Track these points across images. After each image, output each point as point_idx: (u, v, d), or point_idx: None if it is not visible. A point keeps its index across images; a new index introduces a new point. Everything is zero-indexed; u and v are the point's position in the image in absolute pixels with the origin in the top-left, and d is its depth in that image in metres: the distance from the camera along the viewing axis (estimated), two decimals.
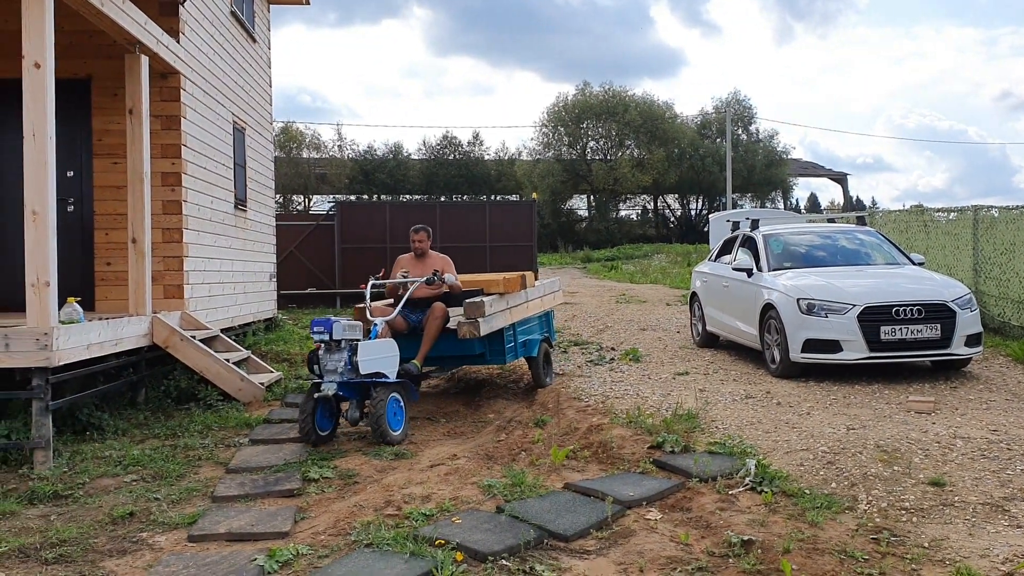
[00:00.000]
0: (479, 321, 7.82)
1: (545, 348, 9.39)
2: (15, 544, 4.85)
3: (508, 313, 8.53)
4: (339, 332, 6.81)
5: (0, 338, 6.41)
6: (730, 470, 5.69)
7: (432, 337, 8.14)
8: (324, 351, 6.90)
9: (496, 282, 8.63)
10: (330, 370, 6.86)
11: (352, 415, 7.02)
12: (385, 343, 7.20)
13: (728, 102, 53.55)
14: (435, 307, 8.25)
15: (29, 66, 6.49)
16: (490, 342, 8.39)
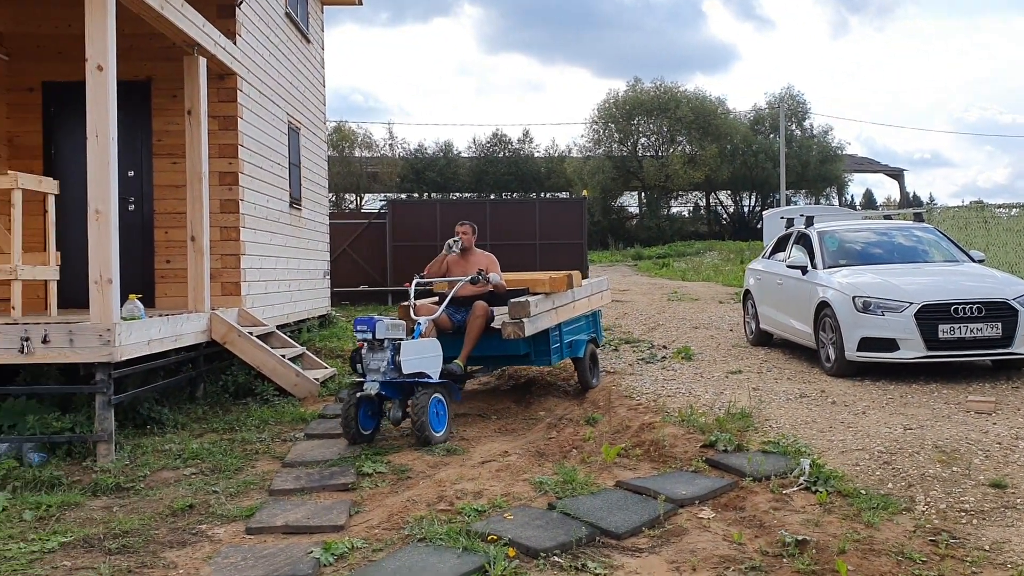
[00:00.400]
0: (524, 321, 7.70)
1: (592, 349, 9.23)
2: (80, 534, 5.00)
3: (554, 313, 8.40)
4: (382, 331, 6.75)
5: (64, 334, 6.60)
6: (784, 469, 5.64)
7: (474, 337, 8.02)
8: (367, 350, 6.85)
9: (542, 281, 8.48)
10: (373, 369, 6.81)
11: (395, 415, 6.98)
12: (428, 343, 7.13)
13: (781, 97, 52.89)
14: (476, 306, 8.08)
15: (92, 69, 6.67)
16: (535, 342, 8.28)
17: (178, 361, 8.44)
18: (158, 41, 9.13)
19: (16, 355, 6.61)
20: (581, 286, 9.24)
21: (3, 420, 6.86)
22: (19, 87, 9.90)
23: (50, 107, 9.99)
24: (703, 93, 52.82)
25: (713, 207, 57.23)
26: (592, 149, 53.02)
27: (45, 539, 4.90)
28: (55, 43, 9.82)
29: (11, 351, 6.61)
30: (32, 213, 8.26)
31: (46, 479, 6.04)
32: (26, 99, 9.92)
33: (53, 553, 4.71)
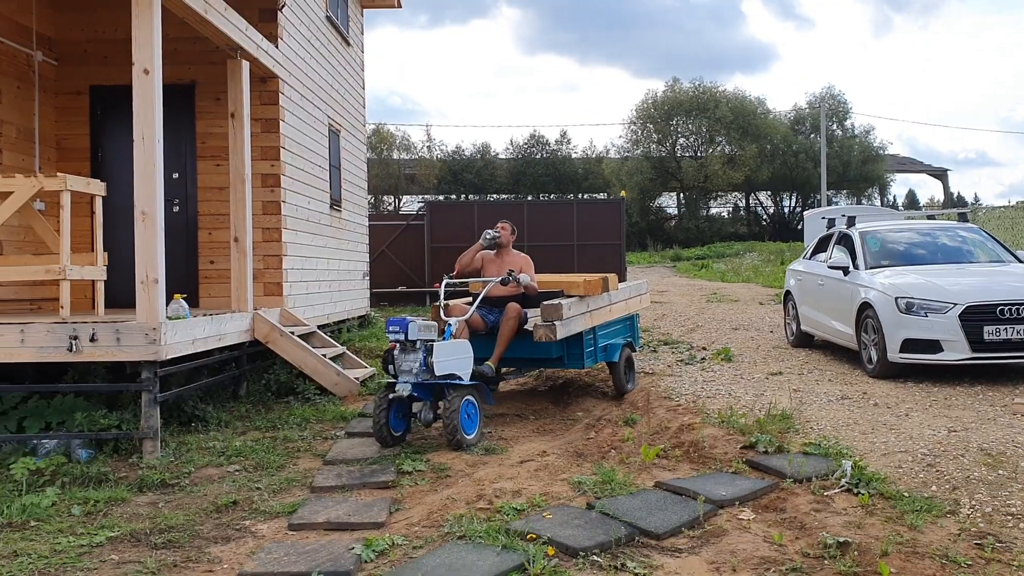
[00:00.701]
0: (556, 324, 7.56)
1: (627, 353, 9.05)
2: (127, 529, 5.10)
3: (588, 316, 8.27)
4: (414, 332, 6.68)
5: (112, 333, 6.73)
6: (825, 471, 5.59)
7: (506, 339, 7.94)
8: (399, 351, 6.78)
9: (576, 284, 8.32)
10: (405, 370, 6.74)
11: (426, 417, 6.90)
12: (459, 344, 7.03)
13: (822, 97, 52.34)
14: (508, 308, 8.00)
15: (139, 73, 6.79)
16: (568, 345, 8.20)
17: (222, 360, 8.56)
18: (202, 45, 9.28)
19: (65, 353, 6.76)
20: (617, 289, 9.07)
21: (52, 417, 7.02)
22: (67, 91, 10.11)
23: (97, 110, 10.19)
24: (742, 93, 52.52)
25: (753, 208, 56.76)
26: (630, 150, 52.86)
27: (93, 533, 5.00)
28: (102, 47, 10.01)
29: (60, 349, 6.75)
30: (80, 214, 8.43)
31: (94, 475, 6.17)
32: (74, 103, 10.13)
33: (101, 547, 4.81)
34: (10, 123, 9.22)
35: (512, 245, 8.59)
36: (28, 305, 9.38)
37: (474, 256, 8.50)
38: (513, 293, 8.23)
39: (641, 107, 52.39)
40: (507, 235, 8.52)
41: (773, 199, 56.36)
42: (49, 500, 5.56)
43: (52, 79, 9.99)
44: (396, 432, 6.85)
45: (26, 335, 6.74)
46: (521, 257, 8.56)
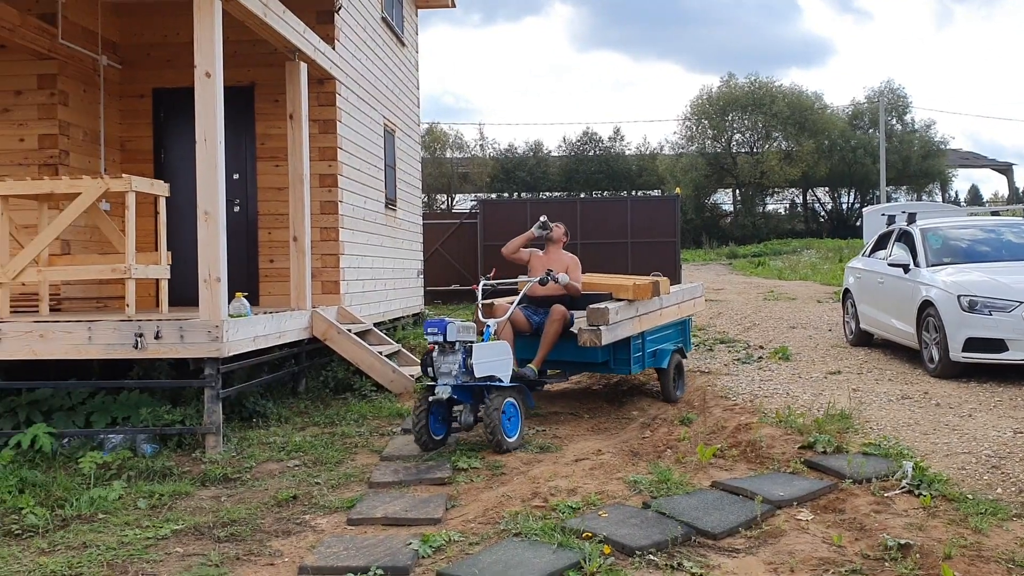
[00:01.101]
0: (601, 330, 7.35)
1: (677, 359, 8.76)
2: (191, 522, 5.22)
3: (636, 321, 8.05)
4: (453, 334, 6.56)
5: (176, 330, 6.89)
6: (886, 472, 5.51)
7: (550, 342, 7.81)
8: (438, 353, 6.66)
9: (625, 287, 8.10)
10: (444, 373, 6.62)
11: (466, 420, 6.70)
12: (498, 345, 6.88)
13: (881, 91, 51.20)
14: (554, 309, 7.87)
15: (200, 75, 6.94)
16: (615, 350, 8.00)
17: (281, 357, 8.71)
18: (260, 47, 9.44)
19: (130, 351, 6.94)
20: (669, 293, 8.81)
21: (118, 412, 7.21)
22: (131, 94, 10.36)
23: (160, 113, 10.43)
24: (799, 88, 51.66)
25: (810, 204, 55.89)
26: (684, 146, 52.39)
27: (158, 526, 5.13)
28: (164, 51, 10.24)
29: (126, 347, 6.93)
30: (144, 215, 8.64)
31: (158, 469, 6.33)
32: (137, 105, 10.38)
33: (166, 539, 4.94)
34: (77, 126, 9.48)
35: (564, 246, 8.53)
36: (94, 303, 9.64)
37: (521, 245, 8.39)
38: (558, 293, 8.12)
39: (696, 103, 51.90)
40: (560, 232, 8.46)
41: (831, 195, 55.44)
42: (116, 493, 5.72)
43: (116, 82, 10.25)
44: (437, 436, 6.73)
45: (93, 333, 6.94)
46: (568, 257, 8.43)
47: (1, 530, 5.13)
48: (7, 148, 9.14)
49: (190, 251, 7.57)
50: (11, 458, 6.44)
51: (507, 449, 6.47)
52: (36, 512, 5.33)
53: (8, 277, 7.37)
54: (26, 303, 8.63)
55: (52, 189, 7.52)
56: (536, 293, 8.10)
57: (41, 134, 9.14)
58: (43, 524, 5.18)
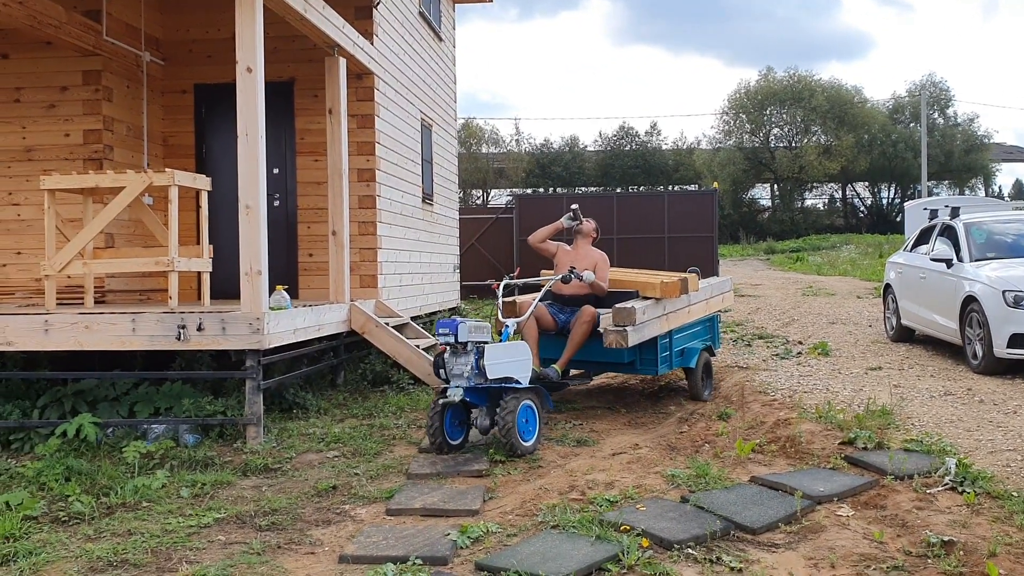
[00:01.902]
0: (627, 330, 7.13)
1: (706, 358, 8.55)
2: (232, 511, 5.29)
3: (664, 320, 7.81)
4: (465, 334, 6.28)
5: (217, 322, 6.98)
6: (928, 469, 5.45)
7: (577, 343, 7.61)
8: (450, 354, 6.38)
9: (652, 285, 7.87)
10: (456, 375, 6.33)
11: (482, 423, 6.45)
12: (515, 346, 6.63)
13: (923, 84, 50.47)
14: (583, 311, 7.67)
15: (242, 71, 7.02)
16: (641, 350, 7.76)
17: (320, 350, 8.80)
18: (300, 43, 9.52)
19: (173, 342, 7.04)
20: (697, 289, 8.54)
21: (161, 403, 7.32)
22: (173, 89, 10.50)
23: (201, 108, 10.55)
24: (838, 82, 51.01)
25: (850, 199, 55.23)
26: (722, 140, 52.01)
27: (201, 515, 5.21)
28: (206, 47, 10.36)
29: (169, 338, 7.04)
30: (186, 209, 8.75)
31: (200, 459, 6.42)
32: (179, 101, 10.52)
33: (208, 528, 5.01)
34: (120, 121, 9.63)
35: (595, 243, 8.40)
36: (137, 296, 9.79)
37: (549, 236, 8.28)
38: (584, 292, 7.93)
39: (734, 97, 51.52)
40: (590, 228, 8.30)
41: (871, 190, 54.74)
42: (159, 482, 5.81)
43: (159, 78, 10.39)
44: (453, 440, 6.45)
45: (137, 325, 7.05)
46: (597, 254, 8.22)
47: (48, 517, 5.24)
48: (53, 143, 9.31)
49: (231, 245, 7.66)
50: (57, 447, 6.57)
51: (522, 453, 6.21)
52: (82, 500, 5.44)
53: (54, 270, 7.51)
54: (71, 296, 8.79)
55: (97, 183, 7.66)
56: (562, 291, 7.93)
57: (86, 129, 9.29)
58: (89, 512, 5.28)
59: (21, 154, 9.35)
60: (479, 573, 4.19)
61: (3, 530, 4.88)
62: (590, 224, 8.34)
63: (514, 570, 4.08)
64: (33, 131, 9.34)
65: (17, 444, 6.99)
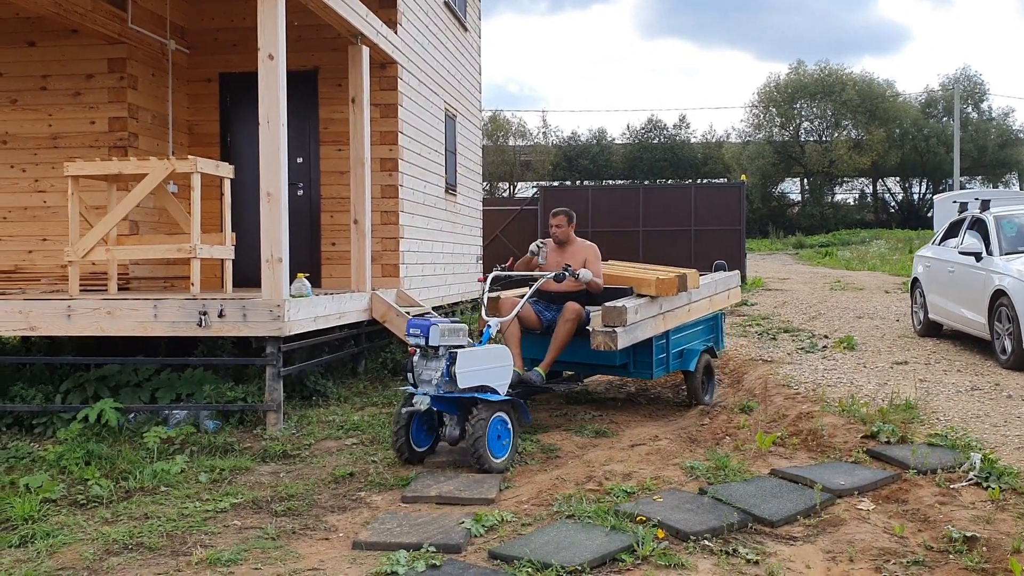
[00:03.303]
0: (617, 332, 6.59)
1: (707, 360, 7.96)
2: (249, 497, 5.30)
3: (660, 320, 7.25)
4: (437, 337, 5.76)
5: (238, 309, 7.00)
6: (952, 463, 5.35)
7: (561, 344, 6.98)
8: (419, 357, 5.88)
9: (647, 282, 7.24)
10: (425, 380, 5.81)
11: (451, 434, 5.88)
12: (494, 350, 6.08)
13: (956, 78, 49.82)
14: (567, 308, 7.04)
15: (263, 58, 7.02)
16: (635, 352, 7.24)
17: (341, 338, 8.81)
18: (324, 32, 9.52)
19: (194, 328, 7.07)
20: (698, 286, 7.93)
21: (182, 389, 7.36)
22: (198, 78, 10.54)
23: (226, 97, 10.59)
24: (870, 76, 50.52)
25: (880, 194, 54.65)
26: (751, 134, 51.67)
27: (218, 500, 5.22)
28: (230, 36, 10.39)
29: (190, 325, 7.07)
30: (210, 197, 8.78)
31: (220, 445, 6.44)
32: (204, 89, 10.56)
33: (225, 513, 5.02)
34: (146, 109, 9.68)
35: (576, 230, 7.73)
36: (162, 283, 9.85)
37: (529, 264, 7.51)
38: (575, 289, 7.29)
39: (763, 90, 51.15)
40: (565, 230, 7.54)
41: (902, 185, 54.15)
42: (178, 467, 5.84)
43: (184, 67, 10.43)
44: (420, 447, 5.99)
45: (159, 311, 7.09)
46: (586, 247, 7.56)
47: (67, 500, 5.28)
48: (79, 131, 9.38)
49: (255, 233, 7.67)
50: (79, 431, 6.61)
51: (490, 470, 5.59)
52: (101, 483, 5.47)
53: (78, 256, 7.56)
54: (96, 282, 8.86)
55: (120, 169, 7.70)
56: (550, 288, 7.30)
57: (111, 117, 9.35)
58: (107, 495, 5.31)
59: (47, 141, 9.42)
60: (492, 561, 4.16)
61: (22, 512, 4.92)
62: (562, 227, 7.53)
63: (527, 559, 4.05)
64: (59, 119, 9.41)
65: (40, 428, 7.06)
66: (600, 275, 7.38)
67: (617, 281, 7.54)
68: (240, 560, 4.25)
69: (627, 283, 7.48)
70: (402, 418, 5.87)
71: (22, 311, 7.19)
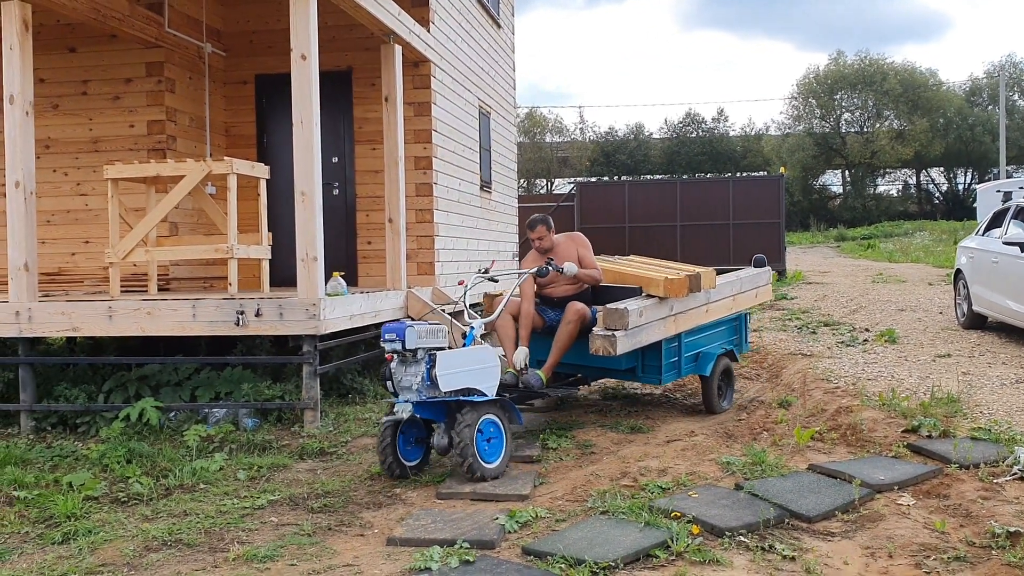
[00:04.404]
0: (617, 336, 6.19)
1: (725, 364, 7.47)
2: (287, 493, 5.35)
3: (671, 321, 6.86)
4: (413, 340, 5.45)
5: (275, 308, 7.07)
6: (995, 458, 5.25)
7: (563, 346, 6.63)
8: (397, 363, 5.55)
9: (655, 282, 6.84)
10: (405, 387, 5.51)
11: (439, 442, 5.56)
12: (477, 351, 5.77)
13: (1001, 65, 48.80)
14: (568, 309, 6.67)
15: (296, 58, 7.07)
16: (644, 355, 6.85)
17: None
18: (357, 32, 9.56)
19: (232, 327, 7.14)
20: (714, 286, 7.43)
21: (221, 388, 7.45)
22: (234, 80, 10.65)
23: (262, 98, 10.68)
24: (912, 64, 49.74)
25: (924, 185, 53.75)
26: (791, 126, 51.12)
27: (256, 496, 5.28)
28: (266, 38, 10.48)
29: (228, 324, 7.14)
30: (247, 198, 8.86)
31: (258, 442, 6.51)
32: (240, 91, 10.66)
33: (262, 509, 5.08)
34: (183, 112, 9.80)
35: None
36: (202, 283, 9.98)
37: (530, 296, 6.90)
38: (577, 290, 6.97)
39: (803, 82, 50.55)
40: (548, 240, 6.99)
41: (946, 175, 53.22)
42: (217, 465, 5.91)
43: (221, 69, 10.55)
44: (409, 461, 5.66)
45: (197, 310, 7.17)
46: (569, 242, 7.06)
47: (108, 498, 5.37)
48: (118, 134, 9.52)
49: (292, 233, 7.73)
50: (121, 430, 6.72)
51: (483, 477, 5.30)
52: (142, 481, 5.56)
53: (118, 257, 7.68)
54: (137, 283, 9.00)
55: (158, 172, 7.81)
56: (553, 294, 6.97)
57: (150, 120, 9.48)
58: (147, 493, 5.40)
59: (88, 145, 9.58)
60: (526, 557, 4.16)
61: (65, 509, 5.02)
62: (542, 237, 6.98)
63: (560, 555, 4.05)
64: (99, 123, 9.56)
65: (83, 427, 7.19)
66: (593, 265, 6.97)
67: (625, 280, 7.19)
68: (276, 556, 4.29)
69: (635, 282, 7.10)
70: (386, 432, 5.55)
71: (65, 312, 7.32)
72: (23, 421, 7.28)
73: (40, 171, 8.41)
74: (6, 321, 7.32)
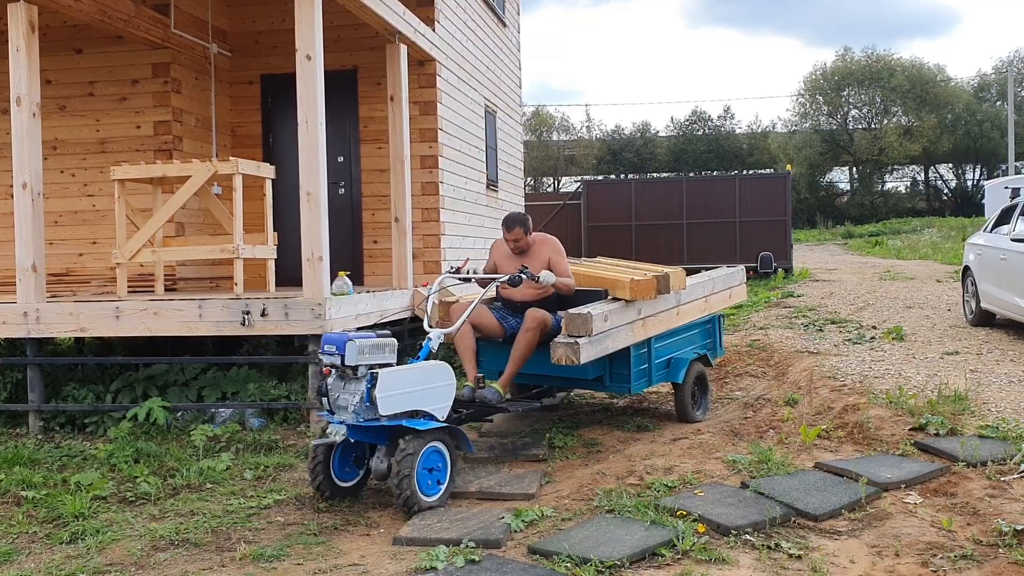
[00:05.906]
0: (580, 343, 5.67)
1: (699, 369, 7.14)
2: (293, 493, 5.37)
3: (639, 326, 6.42)
4: (354, 356, 4.91)
5: (280, 308, 7.08)
6: (1003, 455, 5.23)
7: (521, 356, 6.12)
8: (335, 379, 5.03)
9: (621, 284, 6.36)
10: (341, 406, 4.97)
11: (379, 467, 5.00)
12: (428, 368, 5.25)
13: (1010, 61, 48.58)
14: (528, 316, 6.15)
15: (301, 58, 7.08)
16: (612, 363, 6.44)
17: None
18: (362, 31, 9.58)
19: (238, 328, 7.16)
20: (684, 287, 7.04)
21: (228, 388, 7.46)
22: (240, 80, 10.67)
23: (267, 98, 10.70)
24: (919, 60, 49.45)
25: (932, 182, 53.54)
26: (798, 123, 50.91)
27: (262, 496, 5.30)
28: (271, 38, 10.49)
29: (234, 324, 7.16)
30: (253, 198, 8.88)
31: (264, 442, 6.53)
32: (246, 91, 10.68)
33: (268, 509, 5.09)
34: (189, 112, 9.83)
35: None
36: (208, 283, 10.00)
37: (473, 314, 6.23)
38: (541, 295, 6.43)
39: (809, 79, 50.35)
40: (524, 241, 6.54)
41: (955, 172, 52.98)
42: (224, 465, 5.93)
43: (226, 70, 10.57)
44: (345, 482, 5.20)
45: (203, 311, 7.19)
46: (546, 245, 6.62)
47: (116, 497, 5.39)
48: (125, 135, 9.55)
49: (298, 233, 7.74)
50: (128, 430, 6.74)
51: (424, 508, 4.83)
52: (149, 481, 5.58)
53: (125, 257, 7.70)
54: (144, 284, 9.02)
55: (164, 172, 7.83)
56: (512, 296, 6.51)
57: (156, 121, 9.51)
58: (155, 492, 5.42)
59: (95, 146, 9.61)
60: (532, 556, 4.17)
61: (73, 509, 5.04)
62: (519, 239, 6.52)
63: (566, 554, 4.05)
64: (106, 124, 9.59)
65: (91, 427, 7.22)
66: (567, 272, 6.52)
67: (590, 282, 6.68)
68: (283, 556, 4.30)
69: (600, 284, 6.62)
70: (318, 453, 5.08)
71: (73, 313, 7.34)
72: (31, 421, 7.31)
73: (47, 172, 8.45)
74: (15, 322, 7.35)
